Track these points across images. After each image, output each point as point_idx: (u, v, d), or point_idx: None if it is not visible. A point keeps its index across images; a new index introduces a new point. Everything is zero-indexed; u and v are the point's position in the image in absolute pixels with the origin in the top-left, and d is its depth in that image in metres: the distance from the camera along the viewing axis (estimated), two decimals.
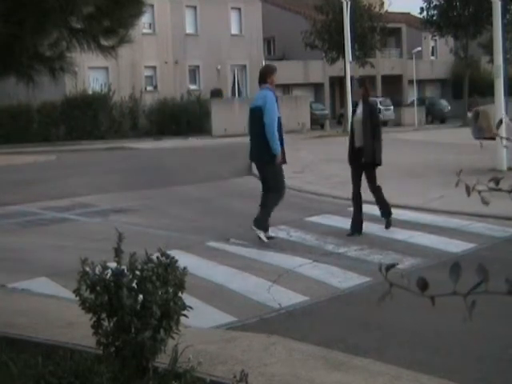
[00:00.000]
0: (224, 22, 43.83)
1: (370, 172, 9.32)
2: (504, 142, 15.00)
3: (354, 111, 9.60)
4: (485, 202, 1.72)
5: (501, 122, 2.34)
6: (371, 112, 9.33)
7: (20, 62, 5.54)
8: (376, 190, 9.41)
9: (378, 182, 9.45)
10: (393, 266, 1.62)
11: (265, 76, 9.31)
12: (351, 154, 9.42)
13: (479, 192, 1.71)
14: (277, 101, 9.19)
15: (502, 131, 15.14)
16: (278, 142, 9.04)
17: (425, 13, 45.67)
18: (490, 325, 5.63)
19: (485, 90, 40.77)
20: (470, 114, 20.89)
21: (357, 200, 9.44)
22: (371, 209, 9.84)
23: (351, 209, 9.64)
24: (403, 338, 5.44)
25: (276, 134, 9.03)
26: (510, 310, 5.88)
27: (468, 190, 1.70)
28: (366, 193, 9.55)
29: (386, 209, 9.52)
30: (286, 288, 6.91)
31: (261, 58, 46.10)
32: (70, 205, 13.20)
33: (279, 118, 9.16)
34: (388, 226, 9.49)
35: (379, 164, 9.29)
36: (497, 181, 1.69)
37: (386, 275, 1.58)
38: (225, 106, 39.75)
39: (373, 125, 9.22)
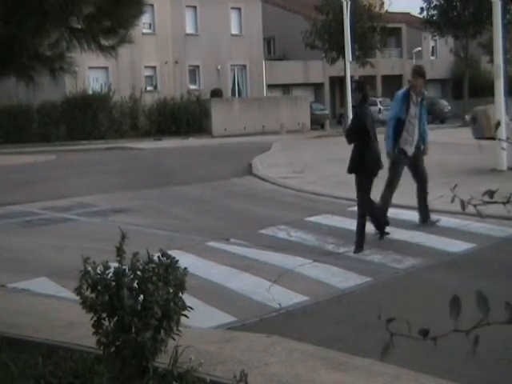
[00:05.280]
0: (224, 22, 43.80)
1: (358, 180, 8.71)
2: (504, 144, 15.02)
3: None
4: (480, 215, 1.73)
5: (499, 124, 2.35)
6: (353, 119, 8.87)
7: (20, 62, 5.54)
8: (361, 203, 8.72)
9: (378, 183, 9.38)
10: (393, 319, 1.65)
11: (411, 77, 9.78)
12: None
13: (474, 206, 1.72)
14: (408, 101, 9.49)
15: (502, 131, 15.17)
16: (389, 140, 9.49)
17: (425, 13, 45.68)
18: (490, 325, 5.62)
19: (485, 90, 40.74)
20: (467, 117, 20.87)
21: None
22: None
23: (351, 209, 9.63)
24: (403, 338, 5.43)
25: (389, 130, 9.53)
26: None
27: (463, 205, 1.71)
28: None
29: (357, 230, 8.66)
30: (286, 288, 6.92)
31: (261, 58, 46.09)
32: (69, 205, 13.20)
33: (399, 119, 9.50)
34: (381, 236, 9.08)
35: (370, 172, 8.58)
36: (491, 194, 1.70)
37: (387, 327, 1.61)
38: (225, 106, 39.74)
39: (355, 132, 8.66)
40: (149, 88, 40.93)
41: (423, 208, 9.88)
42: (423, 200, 9.87)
